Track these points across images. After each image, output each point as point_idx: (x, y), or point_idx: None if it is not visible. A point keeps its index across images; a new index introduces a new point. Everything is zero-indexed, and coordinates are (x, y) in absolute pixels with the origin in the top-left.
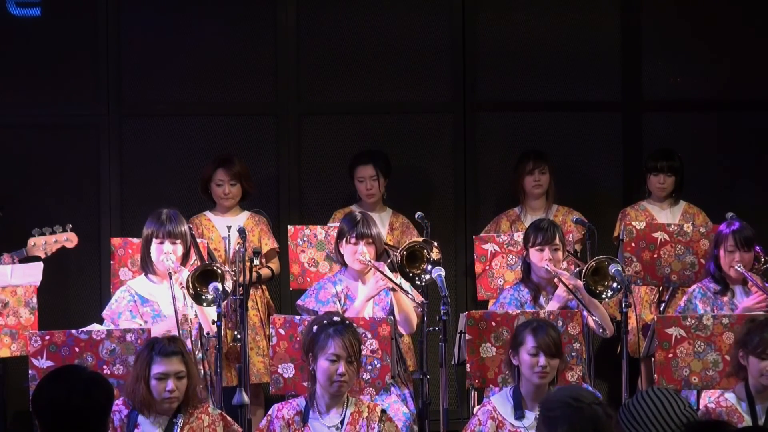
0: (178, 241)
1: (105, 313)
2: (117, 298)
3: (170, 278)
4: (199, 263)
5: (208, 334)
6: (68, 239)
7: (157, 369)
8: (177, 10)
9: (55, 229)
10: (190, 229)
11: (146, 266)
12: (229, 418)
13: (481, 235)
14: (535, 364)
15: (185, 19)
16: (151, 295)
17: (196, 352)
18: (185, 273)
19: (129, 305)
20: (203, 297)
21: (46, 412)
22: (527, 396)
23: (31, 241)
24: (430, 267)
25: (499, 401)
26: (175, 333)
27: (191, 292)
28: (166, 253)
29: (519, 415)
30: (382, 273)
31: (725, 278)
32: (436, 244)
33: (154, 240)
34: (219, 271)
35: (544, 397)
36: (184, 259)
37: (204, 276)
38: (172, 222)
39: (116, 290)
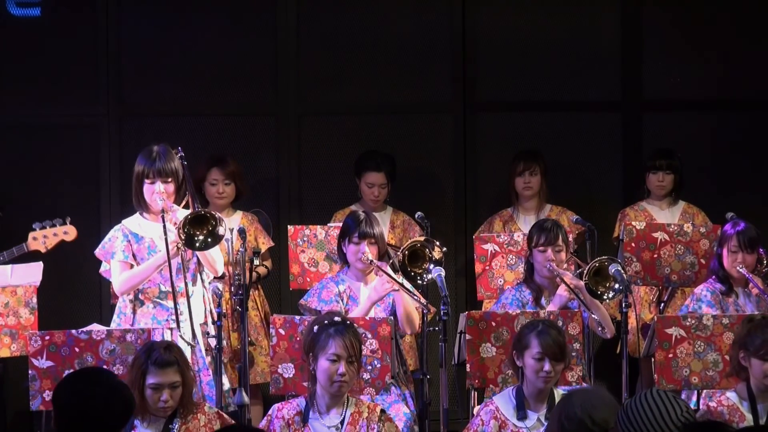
0: (170, 179)
1: (97, 252)
2: (110, 237)
3: (162, 219)
4: (191, 199)
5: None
6: (67, 232)
7: (151, 379)
8: (177, 10)
9: (54, 222)
10: (182, 158)
11: (139, 205)
12: (226, 416)
13: (481, 235)
14: (540, 369)
15: (185, 19)
16: (145, 232)
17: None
18: (180, 212)
19: (122, 245)
20: (195, 240)
21: (64, 408)
22: (530, 397)
23: (31, 236)
24: (432, 266)
25: (502, 401)
26: (166, 269)
27: (182, 236)
28: (157, 192)
29: (522, 415)
30: (387, 274)
31: (729, 278)
32: (438, 243)
33: (145, 180)
34: (211, 216)
35: (567, 398)
36: (177, 196)
37: (196, 221)
38: (162, 159)
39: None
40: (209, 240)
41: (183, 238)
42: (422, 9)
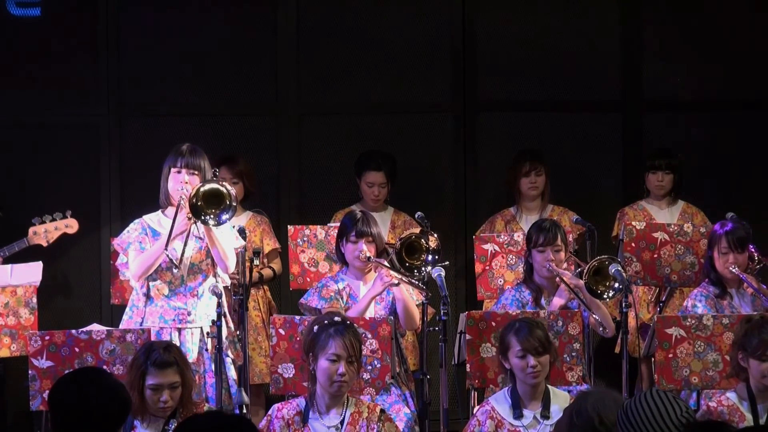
0: (196, 172)
1: (115, 242)
2: (129, 229)
3: (179, 204)
4: None
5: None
6: (69, 225)
7: (151, 380)
8: (177, 10)
9: (55, 216)
10: (216, 172)
11: (163, 201)
12: None
13: (481, 234)
14: (526, 366)
15: (185, 19)
16: (163, 229)
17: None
18: None
19: (139, 237)
20: (203, 214)
21: (60, 408)
22: (524, 395)
23: (32, 230)
24: (429, 257)
25: (497, 401)
26: (163, 253)
27: (193, 201)
28: (182, 182)
29: (517, 414)
30: (387, 267)
31: (722, 279)
32: (434, 234)
33: (172, 170)
34: (226, 192)
35: (583, 395)
36: None
37: (211, 197)
38: (192, 155)
39: (116, 289)
40: (222, 210)
41: (194, 202)
42: (422, 9)
